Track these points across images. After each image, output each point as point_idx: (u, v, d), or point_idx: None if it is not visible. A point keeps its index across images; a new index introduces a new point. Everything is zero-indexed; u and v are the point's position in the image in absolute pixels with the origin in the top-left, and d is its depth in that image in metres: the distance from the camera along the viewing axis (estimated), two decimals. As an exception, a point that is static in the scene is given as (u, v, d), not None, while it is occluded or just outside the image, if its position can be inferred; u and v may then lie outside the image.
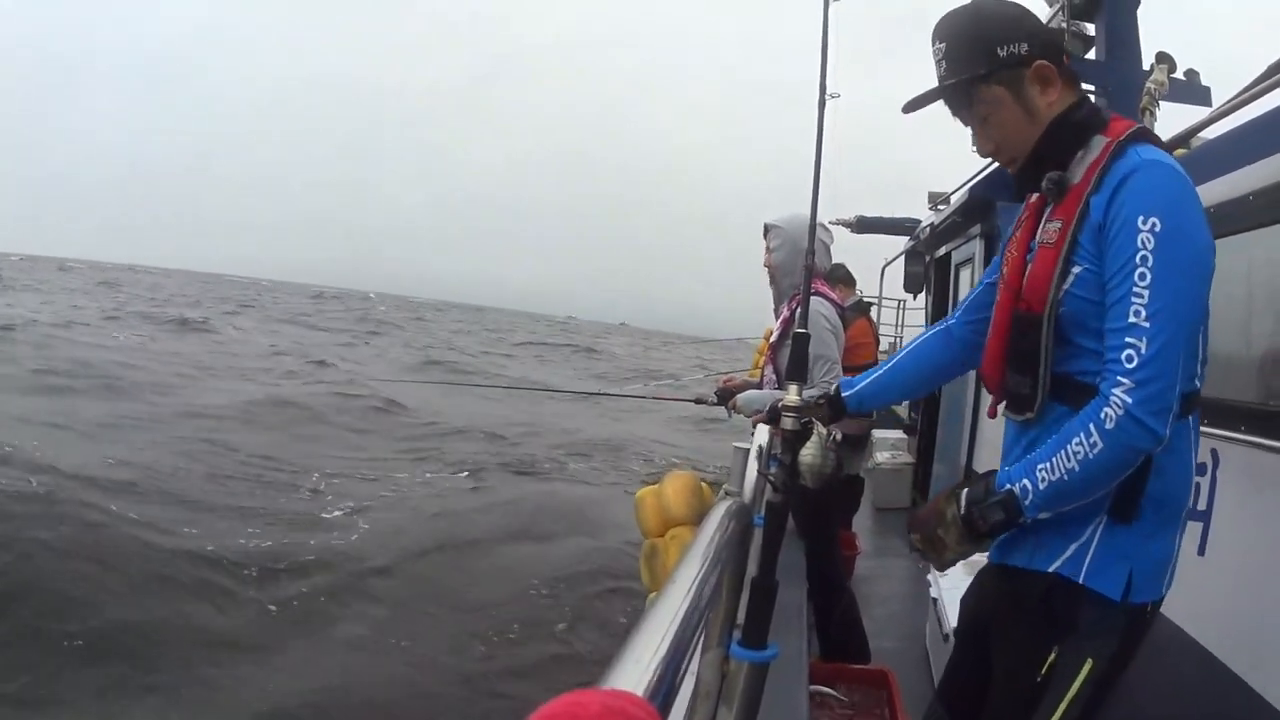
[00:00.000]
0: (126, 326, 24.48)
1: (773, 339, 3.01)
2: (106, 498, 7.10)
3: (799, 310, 1.29)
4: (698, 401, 3.62)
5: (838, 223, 6.50)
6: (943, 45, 1.41)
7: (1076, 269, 1.27)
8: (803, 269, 1.32)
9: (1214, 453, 2.10)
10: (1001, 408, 1.47)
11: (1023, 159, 1.41)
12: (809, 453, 1.37)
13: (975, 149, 1.49)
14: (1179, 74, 4.84)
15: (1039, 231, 1.39)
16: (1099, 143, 1.33)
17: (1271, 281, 2.00)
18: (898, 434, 6.72)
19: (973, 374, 1.70)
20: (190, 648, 5.11)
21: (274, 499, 8.39)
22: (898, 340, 10.11)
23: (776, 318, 3.04)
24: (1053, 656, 1.28)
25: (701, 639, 0.94)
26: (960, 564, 1.34)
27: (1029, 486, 1.22)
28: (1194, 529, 2.07)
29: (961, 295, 3.86)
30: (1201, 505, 2.12)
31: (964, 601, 1.66)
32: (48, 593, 5.38)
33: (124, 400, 12.50)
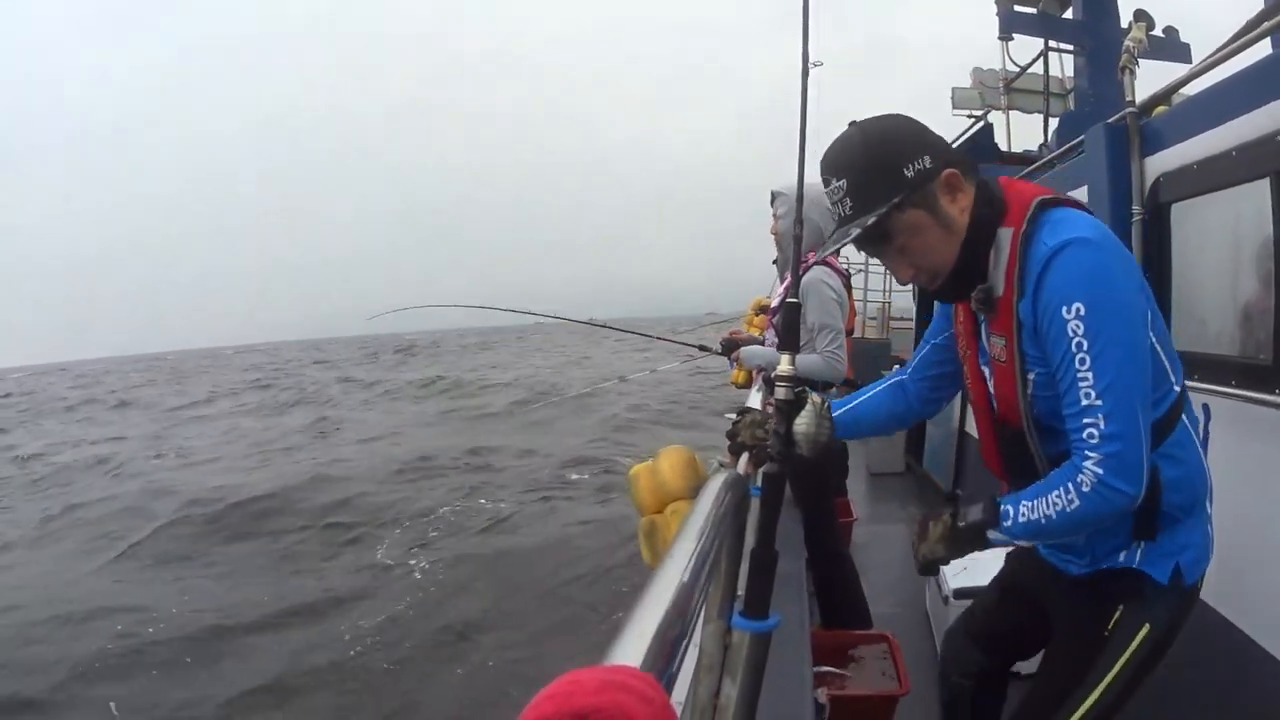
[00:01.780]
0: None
1: (774, 304, 3.08)
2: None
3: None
4: (702, 349, 3.62)
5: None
6: (842, 183, 1.30)
7: (1032, 375, 1.29)
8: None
9: (1205, 407, 2.12)
10: None
11: (944, 276, 1.34)
12: (804, 421, 1.36)
13: (896, 278, 1.46)
14: (1158, 31, 4.83)
15: (985, 342, 1.41)
16: (1006, 237, 1.29)
17: (1256, 237, 2.01)
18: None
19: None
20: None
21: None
22: (885, 305, 10.59)
23: (781, 284, 3.09)
24: (1119, 614, 1.34)
25: (702, 611, 0.94)
26: None
27: (1010, 512, 1.28)
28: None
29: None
30: None
31: (1005, 568, 1.74)
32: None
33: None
